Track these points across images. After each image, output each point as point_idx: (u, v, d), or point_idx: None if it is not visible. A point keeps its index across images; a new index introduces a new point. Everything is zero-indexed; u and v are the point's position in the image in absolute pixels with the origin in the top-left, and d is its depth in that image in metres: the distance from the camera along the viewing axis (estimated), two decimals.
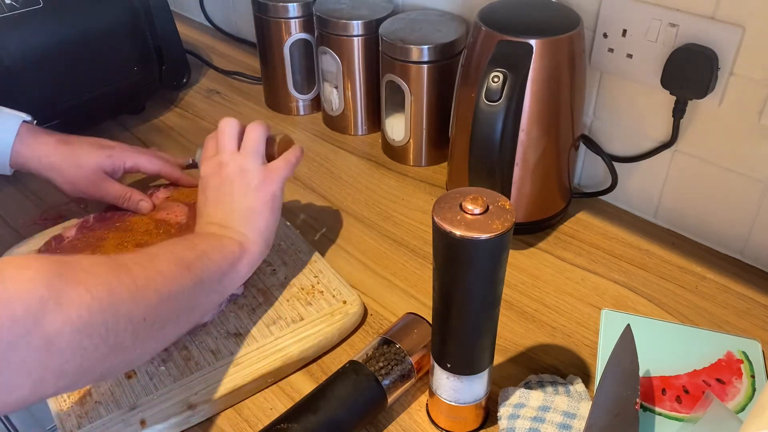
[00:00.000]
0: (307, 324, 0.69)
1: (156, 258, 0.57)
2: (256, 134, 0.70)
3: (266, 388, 0.65)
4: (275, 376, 0.66)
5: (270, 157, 0.72)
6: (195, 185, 0.82)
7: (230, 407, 0.64)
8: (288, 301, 0.72)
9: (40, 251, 0.75)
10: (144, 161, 0.83)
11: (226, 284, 0.63)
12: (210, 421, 0.63)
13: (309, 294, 0.73)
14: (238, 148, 0.70)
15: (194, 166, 0.87)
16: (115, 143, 0.83)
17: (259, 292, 0.73)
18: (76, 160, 0.79)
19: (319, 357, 0.68)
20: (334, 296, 0.72)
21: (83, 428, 0.59)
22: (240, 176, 0.68)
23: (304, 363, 0.68)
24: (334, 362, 0.68)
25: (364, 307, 0.73)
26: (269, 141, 0.72)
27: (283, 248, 0.79)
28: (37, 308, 0.43)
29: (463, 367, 0.56)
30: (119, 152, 0.81)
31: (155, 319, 0.53)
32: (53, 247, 0.76)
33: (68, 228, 0.79)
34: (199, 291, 0.59)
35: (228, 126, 0.71)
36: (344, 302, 0.71)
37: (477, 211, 0.48)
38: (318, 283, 0.74)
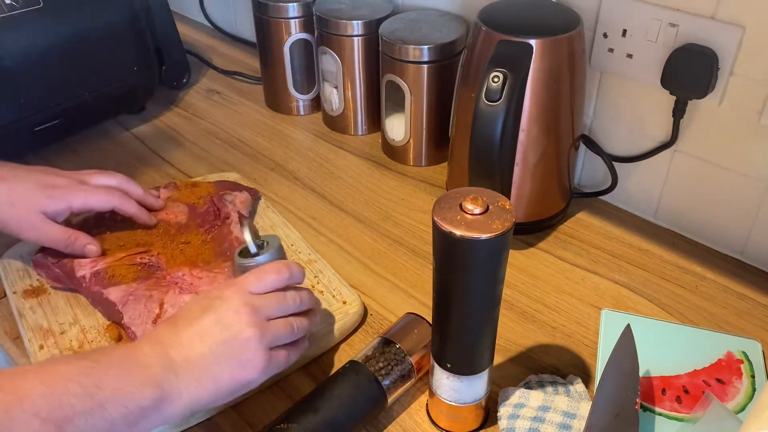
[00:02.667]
0: None
1: (13, 408, 0.43)
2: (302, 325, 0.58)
3: (266, 388, 0.65)
4: (275, 376, 0.65)
5: None
6: (150, 226, 0.75)
7: (230, 407, 0.64)
8: None
9: (40, 251, 0.75)
10: (95, 200, 0.72)
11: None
12: (210, 421, 0.63)
13: None
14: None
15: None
16: (64, 181, 0.72)
17: None
18: (12, 199, 0.68)
19: (319, 357, 0.68)
20: (333, 296, 0.72)
21: None
22: (236, 333, 0.54)
23: (304, 363, 0.67)
24: (334, 362, 0.68)
25: (364, 307, 0.73)
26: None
27: (283, 248, 0.79)
28: None
29: (463, 367, 0.56)
30: (63, 192, 0.70)
31: None
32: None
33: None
34: None
35: (284, 272, 0.59)
36: (344, 302, 0.71)
37: (477, 211, 0.48)
38: (318, 283, 0.74)
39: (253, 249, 0.63)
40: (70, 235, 0.70)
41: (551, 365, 0.68)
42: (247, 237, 0.63)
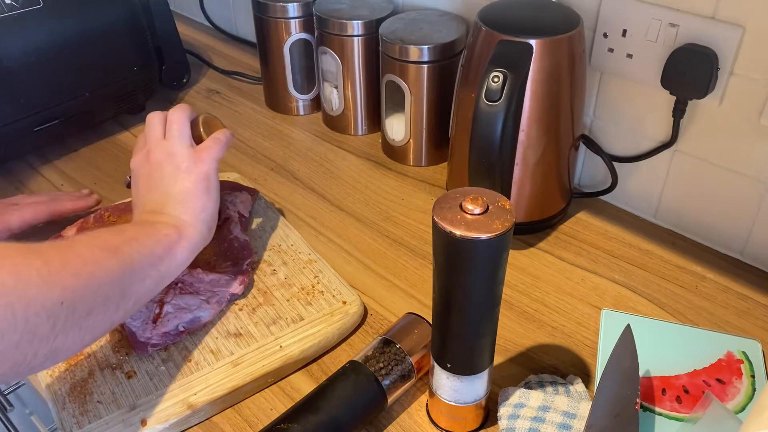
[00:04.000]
0: (307, 324, 0.69)
1: (76, 243, 0.54)
2: (177, 117, 0.69)
3: (266, 388, 0.65)
4: (275, 376, 0.66)
5: (198, 139, 0.71)
6: (88, 207, 0.83)
7: (230, 407, 0.64)
8: (288, 301, 0.72)
9: None
10: (30, 214, 0.78)
11: (163, 270, 0.60)
12: (210, 421, 0.63)
13: (309, 294, 0.73)
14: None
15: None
16: (31, 199, 0.80)
17: (259, 292, 0.73)
18: None
19: (319, 357, 0.68)
20: (334, 296, 0.72)
21: (83, 428, 0.59)
22: (168, 160, 0.67)
23: (304, 363, 0.68)
24: (334, 362, 0.68)
25: (364, 307, 0.73)
26: (194, 123, 0.71)
27: (283, 248, 0.79)
28: None
29: (463, 367, 0.56)
30: (12, 212, 0.77)
31: (76, 304, 0.50)
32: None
33: (68, 228, 0.79)
34: (129, 276, 0.56)
35: (153, 117, 0.70)
36: (344, 302, 0.71)
37: (477, 211, 0.48)
38: (318, 283, 0.74)
39: None
40: None
41: (551, 365, 0.68)
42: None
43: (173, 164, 0.67)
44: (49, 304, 0.47)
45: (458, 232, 0.47)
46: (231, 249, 0.75)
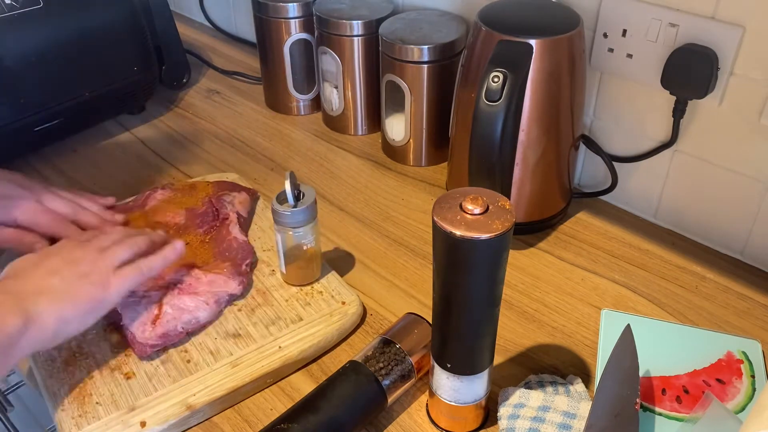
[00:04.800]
0: (306, 324, 0.69)
1: None
2: (127, 245, 0.64)
3: (266, 388, 0.65)
4: (274, 377, 0.66)
5: None
6: (93, 226, 0.76)
7: (230, 408, 0.64)
8: (287, 301, 0.72)
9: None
10: (42, 221, 0.73)
11: None
12: (210, 420, 0.63)
13: (308, 294, 0.72)
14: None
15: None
16: (20, 192, 0.73)
17: (258, 292, 0.73)
18: None
19: (319, 357, 0.68)
20: (333, 296, 0.72)
21: (83, 429, 0.59)
22: (87, 262, 0.61)
23: (304, 363, 0.67)
24: (334, 362, 0.68)
25: (363, 307, 0.73)
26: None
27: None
28: None
29: (463, 367, 0.56)
30: (15, 206, 0.72)
31: None
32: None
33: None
34: None
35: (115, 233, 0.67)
36: (343, 303, 0.71)
37: (477, 211, 0.48)
38: (317, 283, 0.74)
39: (291, 201, 0.68)
40: (16, 236, 0.73)
41: (551, 365, 0.68)
42: (287, 187, 0.68)
43: (88, 269, 0.60)
44: None
45: (458, 232, 0.47)
46: (230, 249, 0.75)
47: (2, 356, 0.52)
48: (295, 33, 1.03)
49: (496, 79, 0.66)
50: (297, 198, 0.69)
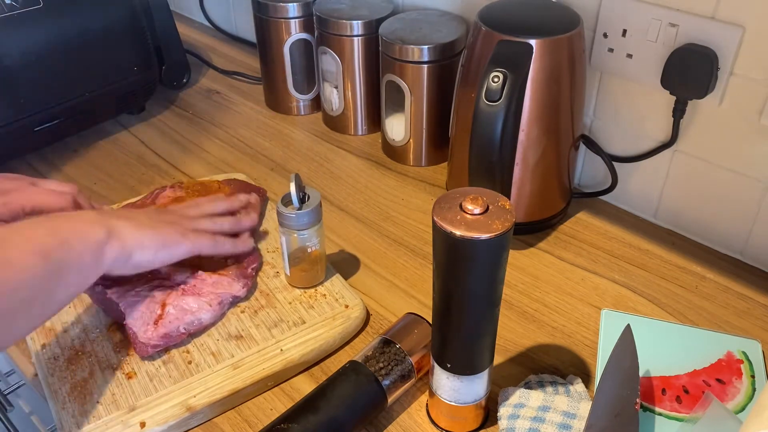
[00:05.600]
0: (308, 327, 0.69)
1: (7, 243, 0.54)
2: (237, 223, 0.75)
3: (266, 391, 0.65)
4: (275, 380, 0.65)
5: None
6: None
7: (230, 408, 0.64)
8: (290, 304, 0.72)
9: None
10: (43, 200, 0.72)
11: (86, 274, 0.59)
12: (210, 421, 0.63)
13: (311, 297, 0.72)
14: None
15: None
16: (14, 184, 0.72)
17: (261, 294, 0.73)
18: None
19: (321, 360, 0.68)
20: (336, 300, 0.72)
21: (83, 428, 0.59)
22: (179, 215, 0.70)
23: (305, 367, 0.67)
24: (336, 365, 0.68)
25: (367, 311, 0.73)
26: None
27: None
28: None
29: (463, 367, 0.56)
30: (17, 197, 0.71)
31: (3, 311, 0.51)
32: None
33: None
34: (55, 283, 0.56)
35: (219, 203, 0.77)
36: (346, 306, 0.71)
37: (477, 211, 0.48)
38: (321, 286, 0.74)
39: (296, 203, 0.69)
40: None
41: (551, 365, 0.68)
42: (292, 189, 0.68)
43: (172, 219, 0.69)
44: None
45: (458, 232, 0.47)
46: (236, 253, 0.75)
47: (93, 262, 0.59)
48: (295, 33, 1.03)
49: (496, 79, 0.66)
50: (302, 200, 0.69)
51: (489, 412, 0.62)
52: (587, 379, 0.66)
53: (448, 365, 0.57)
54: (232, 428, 0.62)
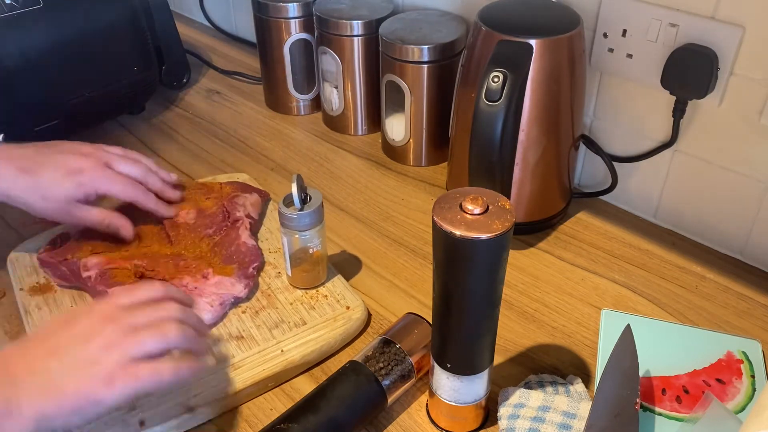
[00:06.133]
0: (309, 329, 0.69)
1: None
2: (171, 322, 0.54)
3: (266, 392, 0.65)
4: (276, 381, 0.65)
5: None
6: (169, 217, 0.77)
7: (229, 409, 0.64)
8: (291, 304, 0.72)
9: (45, 249, 0.76)
10: (118, 190, 0.73)
11: None
12: (210, 422, 0.63)
13: (313, 298, 0.72)
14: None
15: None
16: (89, 163, 0.72)
17: (263, 294, 0.73)
18: (42, 192, 0.69)
19: (322, 361, 0.68)
20: (338, 301, 0.72)
21: (83, 428, 0.59)
22: (100, 343, 0.51)
23: (306, 368, 0.67)
24: (337, 365, 0.68)
25: (368, 312, 0.73)
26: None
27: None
28: None
29: (463, 367, 0.56)
30: (90, 179, 0.71)
31: None
32: (59, 244, 0.76)
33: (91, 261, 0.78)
34: None
35: (158, 287, 0.57)
36: (347, 307, 0.71)
37: (477, 211, 0.48)
38: (322, 287, 0.74)
39: (297, 204, 0.68)
40: (105, 216, 0.73)
41: (551, 365, 0.68)
42: (294, 190, 0.68)
43: (97, 355, 0.50)
44: None
45: (458, 232, 0.47)
46: (238, 253, 0.75)
47: None
48: (295, 33, 1.03)
49: (496, 79, 0.66)
50: (304, 201, 0.69)
51: (489, 412, 0.62)
52: (587, 379, 0.66)
53: (448, 365, 0.57)
54: (232, 428, 0.62)
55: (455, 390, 0.58)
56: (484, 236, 0.47)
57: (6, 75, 0.87)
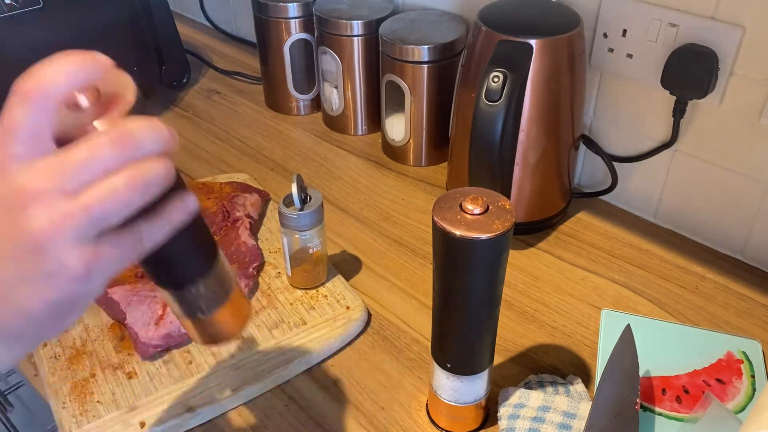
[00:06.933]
0: (309, 329, 0.69)
1: None
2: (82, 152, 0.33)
3: (266, 392, 0.65)
4: (275, 381, 0.65)
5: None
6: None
7: (229, 409, 0.64)
8: (291, 305, 0.72)
9: None
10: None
11: None
12: (210, 420, 0.63)
13: (313, 298, 0.72)
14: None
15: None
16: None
17: (263, 294, 0.73)
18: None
19: (322, 361, 0.68)
20: (338, 301, 0.72)
21: (83, 428, 0.59)
22: (23, 230, 0.32)
23: (306, 368, 0.67)
24: (338, 366, 0.68)
25: (368, 312, 0.73)
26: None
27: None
28: None
29: (463, 367, 0.56)
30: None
31: None
32: None
33: None
34: None
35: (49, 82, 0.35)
36: (347, 308, 0.71)
37: (477, 211, 0.48)
38: (323, 287, 0.74)
39: (297, 204, 0.69)
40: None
41: (551, 365, 0.68)
42: (294, 190, 0.68)
43: (41, 258, 0.32)
44: None
45: (458, 232, 0.47)
46: (238, 252, 0.75)
47: None
48: (295, 33, 1.03)
49: (496, 79, 0.66)
50: (304, 201, 0.69)
51: (489, 412, 0.62)
52: (587, 379, 0.66)
53: (448, 365, 0.57)
54: (232, 428, 0.62)
55: (455, 390, 0.58)
56: (484, 236, 0.47)
57: (6, 75, 0.87)
